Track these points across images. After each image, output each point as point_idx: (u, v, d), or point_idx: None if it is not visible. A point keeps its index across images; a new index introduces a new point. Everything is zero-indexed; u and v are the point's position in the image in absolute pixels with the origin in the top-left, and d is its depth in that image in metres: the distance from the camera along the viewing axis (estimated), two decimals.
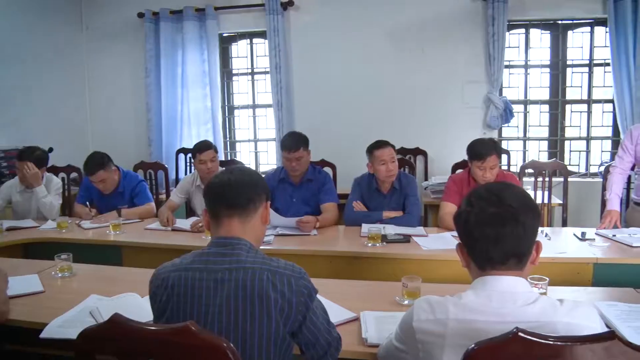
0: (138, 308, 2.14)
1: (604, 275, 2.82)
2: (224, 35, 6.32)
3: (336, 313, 2.03)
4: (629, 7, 5.31)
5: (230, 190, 1.61)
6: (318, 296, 1.62)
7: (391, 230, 3.29)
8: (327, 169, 4.52)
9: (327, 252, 3.08)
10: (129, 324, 1.30)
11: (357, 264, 3.00)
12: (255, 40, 6.34)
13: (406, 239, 3.15)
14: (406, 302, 2.18)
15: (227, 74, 6.45)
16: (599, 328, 1.29)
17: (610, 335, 1.11)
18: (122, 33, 6.35)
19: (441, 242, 3.08)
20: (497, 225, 1.35)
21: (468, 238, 1.42)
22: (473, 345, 1.17)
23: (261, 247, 2.87)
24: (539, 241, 1.42)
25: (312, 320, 1.56)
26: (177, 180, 5.98)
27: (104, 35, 6.40)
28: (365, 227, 3.29)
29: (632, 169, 3.71)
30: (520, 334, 1.12)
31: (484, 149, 3.39)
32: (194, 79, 6.13)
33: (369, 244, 3.05)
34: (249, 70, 6.44)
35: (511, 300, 1.33)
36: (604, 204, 3.79)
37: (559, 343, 1.13)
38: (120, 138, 6.41)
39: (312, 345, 1.59)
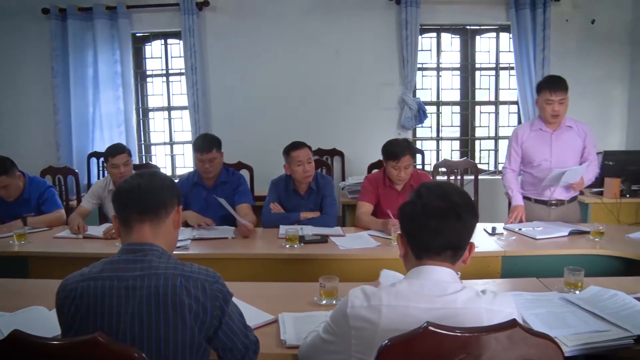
0: (44, 322, 2.01)
1: (511, 267, 2.99)
2: (137, 35, 6.11)
3: (254, 316, 2.03)
4: (528, 15, 5.67)
5: (140, 195, 1.56)
6: (235, 300, 1.61)
7: (309, 231, 3.32)
8: (244, 171, 4.49)
9: (245, 255, 3.06)
10: (30, 339, 1.22)
11: (275, 265, 3.00)
12: (170, 40, 6.18)
13: (324, 239, 3.18)
14: (324, 302, 2.21)
15: (140, 75, 6.25)
16: (515, 312, 1.43)
17: (512, 324, 1.18)
18: (26, 30, 5.98)
19: (358, 242, 3.14)
20: (440, 218, 1.46)
21: (412, 227, 1.51)
22: (386, 342, 1.20)
23: (178, 253, 2.88)
24: (472, 242, 1.54)
25: (229, 324, 1.55)
26: (89, 185, 5.71)
27: (5, 32, 6.01)
28: (283, 229, 3.30)
29: None
30: (430, 327, 1.17)
31: (398, 149, 3.48)
32: (105, 80, 5.88)
33: (287, 246, 3.06)
34: (164, 72, 6.27)
35: (441, 289, 1.42)
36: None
37: (466, 334, 1.18)
38: (25, 142, 6.03)
39: (229, 349, 1.57)
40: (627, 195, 4.67)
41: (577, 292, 2.29)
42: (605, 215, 4.55)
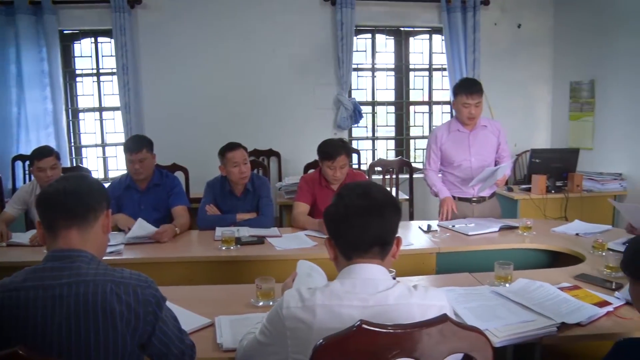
0: None
1: (445, 263, 3.07)
2: (65, 32, 5.86)
3: (190, 320, 1.99)
4: (459, 18, 5.85)
5: (66, 199, 1.49)
6: (170, 304, 1.58)
7: (245, 232, 3.29)
8: (179, 173, 4.41)
9: (180, 258, 2.99)
10: None
11: (211, 268, 2.95)
12: (100, 39, 5.98)
13: (260, 240, 3.16)
14: (261, 303, 2.20)
15: (70, 74, 6.01)
16: (447, 306, 1.46)
17: (443, 319, 1.21)
18: None
19: (295, 242, 3.14)
20: (364, 216, 1.48)
21: (338, 228, 1.53)
22: (321, 341, 1.20)
23: (111, 258, 2.80)
24: (399, 237, 1.57)
25: (163, 330, 1.51)
26: (13, 190, 5.45)
27: None
28: (219, 231, 3.25)
29: None
30: (363, 325, 1.18)
31: (333, 150, 3.51)
32: (31, 78, 5.60)
33: (223, 248, 3.02)
34: (95, 71, 6.06)
35: (373, 286, 1.44)
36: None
37: (399, 331, 1.20)
38: None
39: (164, 356, 1.53)
40: (553, 191, 4.90)
41: (507, 285, 2.37)
42: (532, 210, 4.75)
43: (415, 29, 6.28)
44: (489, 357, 1.25)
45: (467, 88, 3.65)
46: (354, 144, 6.26)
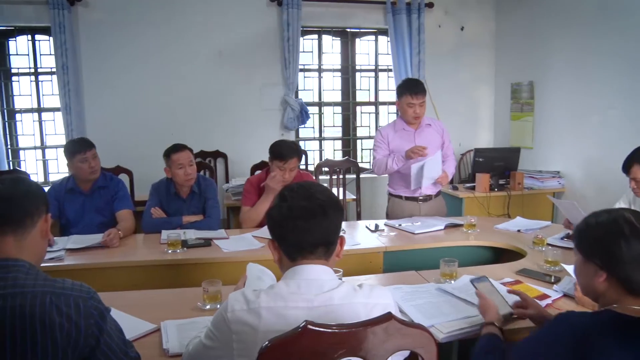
0: None
1: (392, 262, 3.11)
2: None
3: (135, 326, 1.95)
4: (404, 20, 5.94)
5: (1, 204, 1.41)
6: (115, 310, 1.53)
7: (192, 235, 3.24)
8: (123, 176, 4.31)
9: (125, 262, 2.91)
10: None
11: (157, 272, 2.89)
12: (38, 36, 5.75)
13: (207, 242, 3.12)
14: (208, 306, 2.17)
15: (4, 73, 5.75)
16: (392, 304, 1.49)
17: (387, 317, 1.23)
18: None
19: (242, 244, 3.11)
20: (308, 217, 1.48)
21: (281, 230, 1.52)
22: (266, 343, 1.19)
23: (52, 265, 2.70)
24: (342, 236, 1.58)
25: (107, 343, 1.43)
26: None
27: None
28: (165, 234, 3.19)
29: None
30: (309, 326, 1.18)
31: (286, 151, 3.51)
32: None
33: (169, 251, 2.97)
34: (32, 70, 5.82)
35: (318, 287, 1.44)
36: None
37: (344, 330, 1.21)
38: None
39: None
40: (496, 189, 5.04)
41: (452, 281, 2.43)
42: (477, 208, 4.88)
43: (362, 30, 6.34)
44: (433, 353, 1.28)
45: (411, 88, 3.73)
46: (301, 145, 6.26)
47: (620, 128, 4.63)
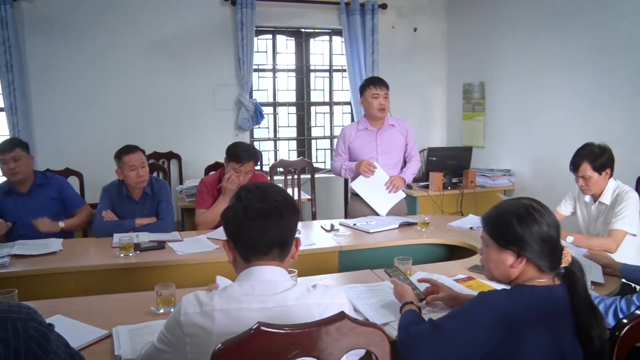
0: None
1: (347, 261, 3.12)
2: None
3: (85, 333, 1.90)
4: (358, 21, 5.98)
5: None
6: (64, 319, 1.47)
7: (145, 237, 3.17)
8: (73, 178, 4.20)
9: (75, 268, 2.82)
10: None
11: (109, 277, 2.82)
12: None
13: (160, 245, 3.06)
14: (162, 310, 2.13)
15: None
16: (346, 303, 1.50)
17: (340, 316, 1.23)
18: None
19: (196, 246, 3.07)
20: (263, 217, 1.48)
21: (236, 231, 1.51)
22: (220, 345, 1.18)
23: None
24: (298, 238, 1.58)
25: None
26: None
27: None
28: (117, 237, 3.12)
29: None
30: (262, 327, 1.17)
31: (244, 154, 3.50)
32: None
33: (121, 255, 2.90)
34: None
35: (272, 288, 1.44)
36: (346, 196, 4.17)
37: (297, 331, 1.21)
38: None
39: None
40: (449, 188, 5.13)
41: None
42: (431, 206, 4.95)
43: (316, 31, 6.36)
44: (387, 351, 1.29)
45: (373, 81, 3.84)
46: (256, 145, 6.23)
47: (566, 127, 4.78)
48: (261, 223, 1.48)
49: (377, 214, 3.86)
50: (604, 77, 4.37)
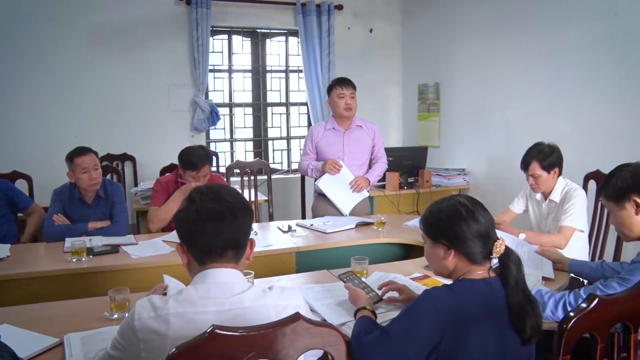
0: None
1: (305, 262, 3.12)
2: None
3: (35, 342, 1.84)
4: (314, 22, 6.00)
5: None
6: (12, 328, 1.42)
7: (98, 241, 3.10)
8: (21, 182, 4.08)
9: (25, 274, 2.72)
10: None
11: (60, 283, 2.73)
12: None
13: (114, 249, 3.00)
14: (115, 316, 2.09)
15: None
16: (302, 304, 1.51)
17: (295, 317, 1.23)
18: None
19: (152, 249, 3.02)
20: (216, 219, 1.45)
21: (190, 233, 1.49)
22: (174, 349, 1.16)
23: None
24: (252, 239, 1.57)
25: None
26: None
27: None
28: (69, 242, 3.04)
29: None
30: (216, 330, 1.16)
31: (198, 159, 3.46)
32: None
33: (73, 260, 2.82)
34: None
35: (228, 290, 1.43)
36: (304, 197, 4.17)
37: (252, 333, 1.20)
38: None
39: None
40: (405, 187, 5.20)
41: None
42: (387, 206, 5.00)
43: (272, 31, 6.34)
44: (343, 351, 1.29)
45: (340, 81, 3.90)
46: (212, 146, 6.18)
47: (519, 127, 4.91)
48: (215, 225, 1.46)
49: (341, 213, 3.88)
50: (555, 78, 4.51)
